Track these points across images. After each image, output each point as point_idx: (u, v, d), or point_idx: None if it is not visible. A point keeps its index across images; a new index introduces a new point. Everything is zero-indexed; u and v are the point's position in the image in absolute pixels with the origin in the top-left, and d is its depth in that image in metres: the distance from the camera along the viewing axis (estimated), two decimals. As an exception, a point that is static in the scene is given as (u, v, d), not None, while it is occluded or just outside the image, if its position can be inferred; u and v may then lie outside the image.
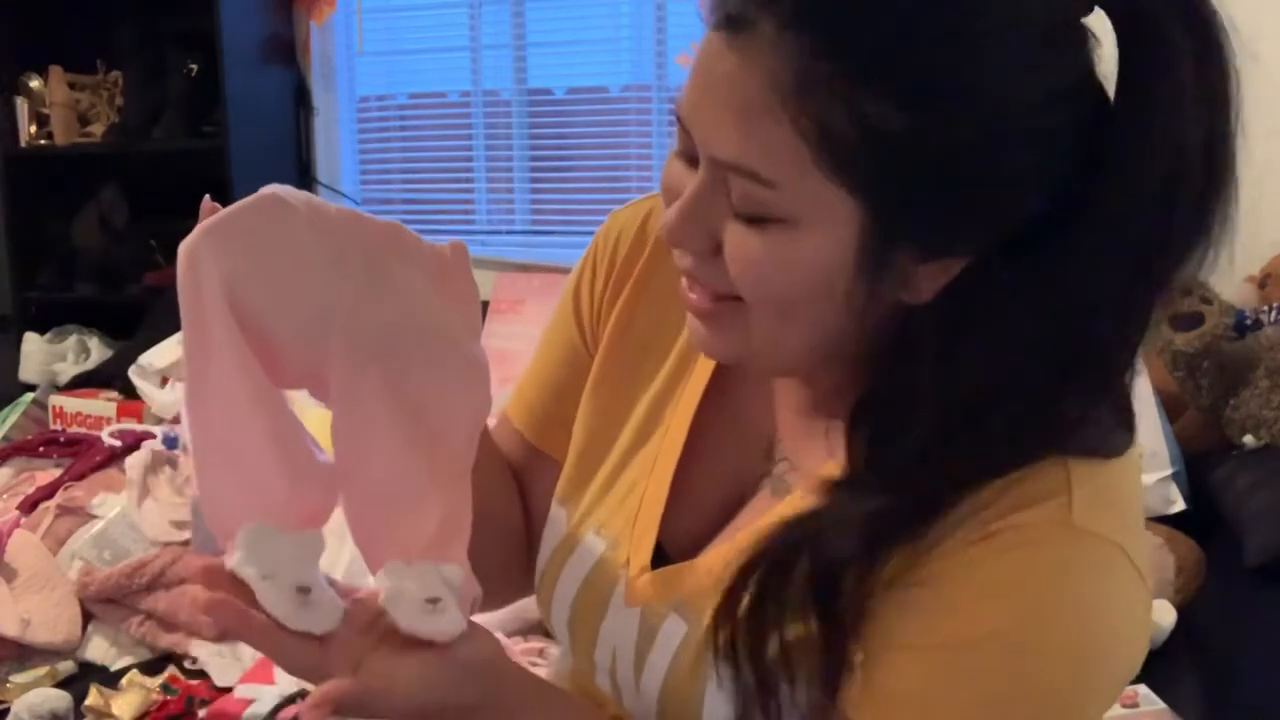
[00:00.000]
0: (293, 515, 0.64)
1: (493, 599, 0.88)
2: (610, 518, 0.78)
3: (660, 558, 0.75)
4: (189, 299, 0.62)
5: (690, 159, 0.63)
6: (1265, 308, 2.02)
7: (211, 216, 0.65)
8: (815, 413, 0.72)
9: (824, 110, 0.55)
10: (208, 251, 0.62)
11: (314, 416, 0.87)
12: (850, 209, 0.58)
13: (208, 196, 0.67)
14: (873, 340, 0.64)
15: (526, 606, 1.72)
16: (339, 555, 1.89)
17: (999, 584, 0.60)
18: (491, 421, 0.81)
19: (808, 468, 0.71)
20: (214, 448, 0.63)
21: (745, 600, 0.63)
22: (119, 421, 2.45)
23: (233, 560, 0.61)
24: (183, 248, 0.62)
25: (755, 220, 0.60)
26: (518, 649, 1.64)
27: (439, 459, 0.66)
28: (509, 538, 0.86)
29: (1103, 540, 0.61)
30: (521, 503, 0.87)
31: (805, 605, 0.62)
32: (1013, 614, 0.60)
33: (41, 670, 1.82)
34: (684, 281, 0.66)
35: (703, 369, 0.77)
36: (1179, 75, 0.60)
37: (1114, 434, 0.64)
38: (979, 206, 0.59)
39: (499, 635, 1.62)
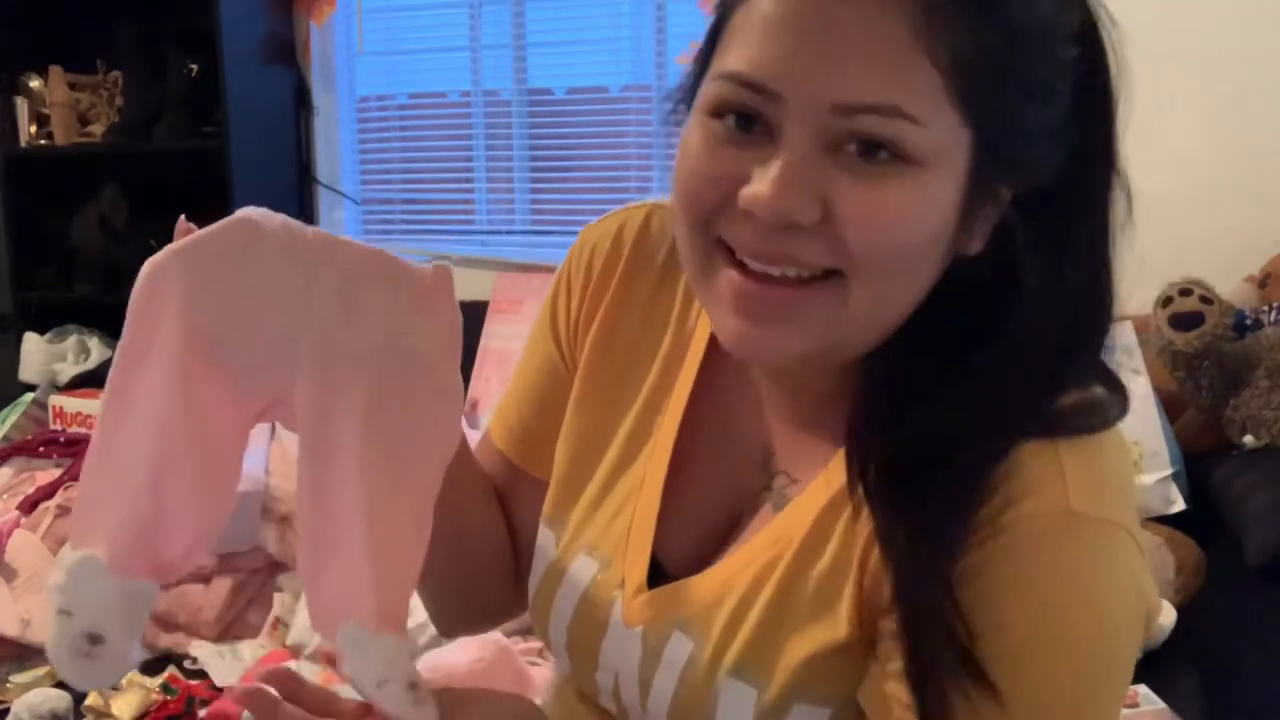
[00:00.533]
0: (128, 545, 0.60)
1: (485, 621, 0.89)
2: (600, 538, 0.76)
3: (656, 574, 0.73)
4: (139, 312, 0.62)
5: (735, 141, 0.61)
6: (1265, 308, 2.02)
7: (184, 238, 0.65)
8: (806, 423, 0.71)
9: (955, 41, 0.58)
10: (174, 271, 0.63)
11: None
12: (965, 141, 0.60)
13: (183, 217, 0.67)
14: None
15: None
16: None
17: (1015, 585, 0.60)
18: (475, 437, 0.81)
19: (805, 481, 0.70)
20: (102, 453, 0.62)
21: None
22: (119, 421, 2.45)
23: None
24: (147, 264, 0.63)
25: (881, 171, 0.59)
26: (517, 649, 1.64)
27: (404, 488, 0.64)
28: (494, 559, 0.85)
29: (1103, 523, 0.62)
30: (507, 523, 0.85)
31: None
32: (1031, 618, 0.60)
33: (41, 670, 1.83)
34: (735, 279, 0.62)
35: (686, 379, 0.76)
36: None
37: (1104, 404, 0.66)
38: (1048, 138, 0.62)
39: (498, 634, 1.63)
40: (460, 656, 1.53)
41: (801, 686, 0.66)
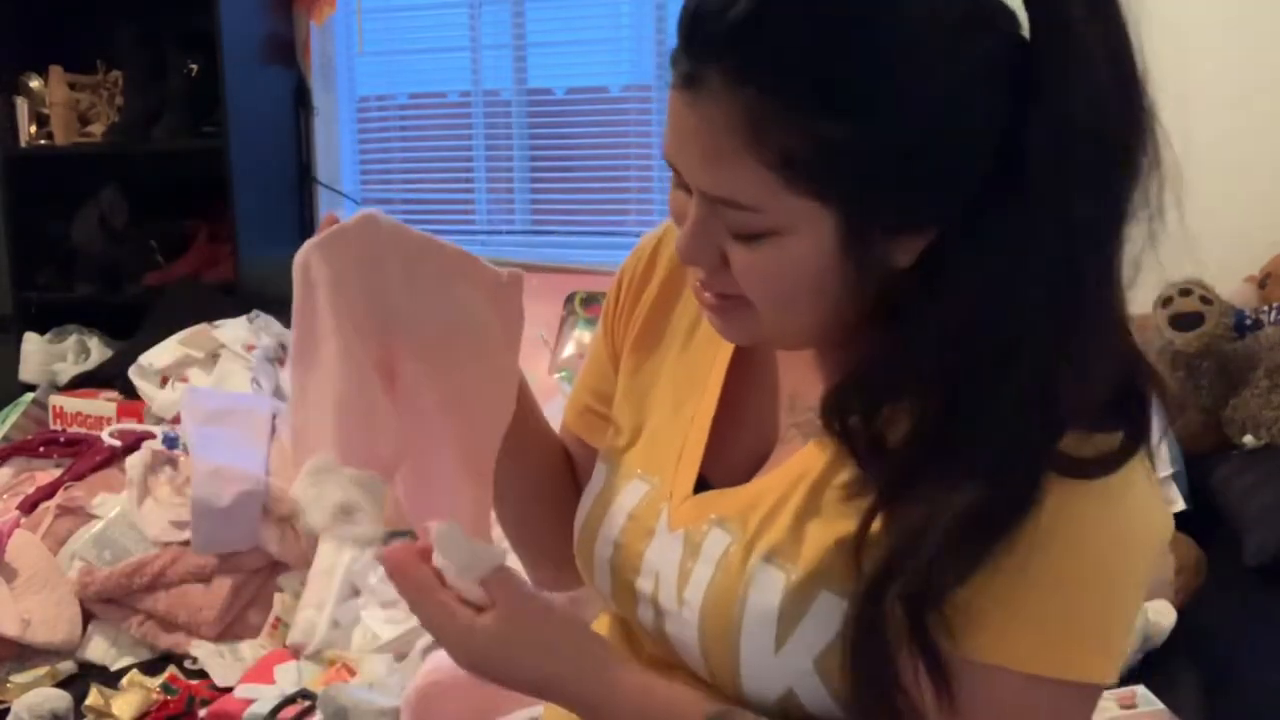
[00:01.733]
0: (348, 446, 0.76)
1: (560, 578, 0.99)
2: (653, 463, 0.86)
3: (701, 490, 0.83)
4: (301, 295, 0.77)
5: (686, 188, 0.72)
6: (1265, 308, 2.02)
7: (324, 230, 0.79)
8: (826, 369, 0.80)
9: (780, 140, 0.64)
10: (316, 259, 0.77)
11: None
12: (824, 214, 0.66)
13: (330, 212, 0.78)
14: (869, 304, 0.72)
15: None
16: (339, 557, 1.90)
17: (1049, 536, 0.67)
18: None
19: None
20: (301, 393, 0.79)
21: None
22: (119, 421, 2.44)
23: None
24: (298, 256, 0.78)
25: (749, 238, 0.69)
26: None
27: (471, 446, 0.81)
28: (561, 506, 0.95)
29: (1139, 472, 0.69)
30: (576, 486, 0.96)
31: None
32: (1074, 554, 0.67)
33: (41, 670, 1.83)
34: (698, 285, 0.76)
35: (729, 345, 0.87)
36: (1080, 29, 0.65)
37: (1112, 441, 0.69)
38: (935, 183, 0.66)
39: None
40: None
41: (827, 574, 0.73)
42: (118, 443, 2.20)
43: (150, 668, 1.84)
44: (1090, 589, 0.68)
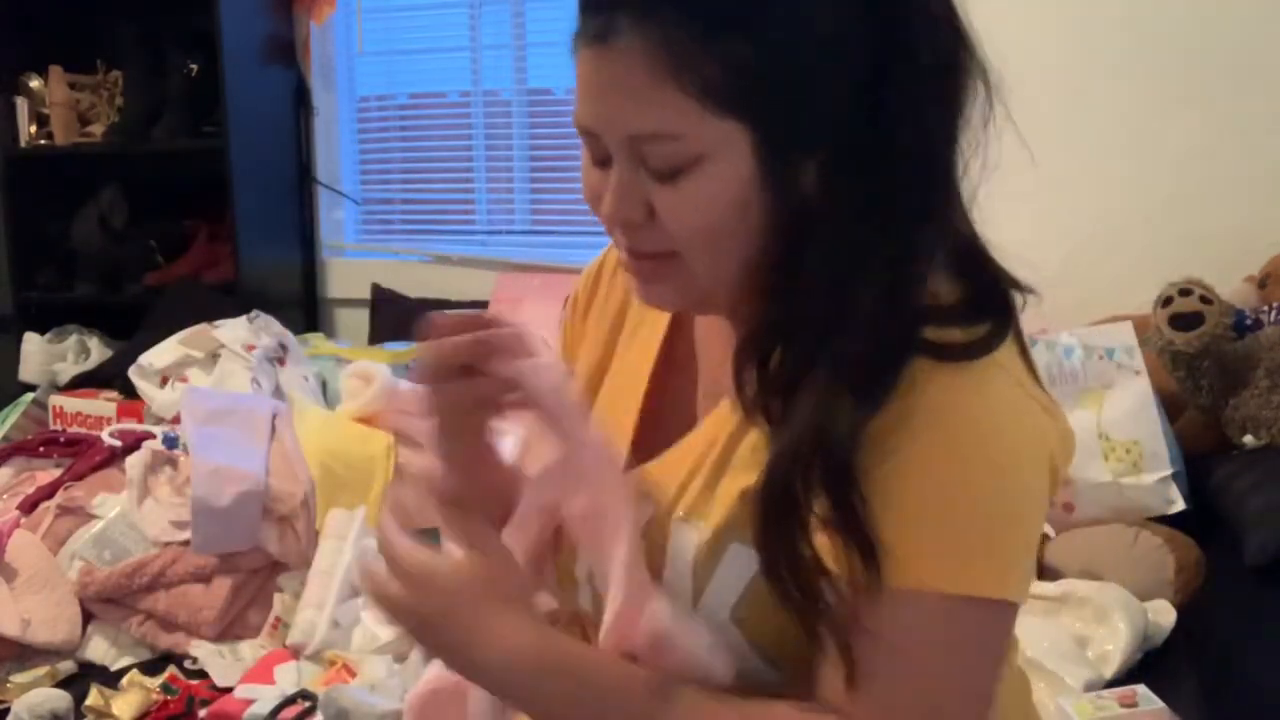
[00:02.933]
0: None
1: None
2: None
3: None
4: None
5: (601, 163, 0.79)
6: (1265, 308, 2.02)
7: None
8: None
9: (694, 64, 0.71)
10: None
11: (313, 414, 0.93)
12: (741, 133, 0.73)
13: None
14: (787, 247, 0.76)
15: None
16: (339, 557, 1.90)
17: (911, 427, 0.71)
18: None
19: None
20: None
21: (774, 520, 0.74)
22: (119, 421, 2.44)
23: None
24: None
25: (674, 174, 0.74)
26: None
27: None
28: None
29: (989, 362, 0.74)
30: None
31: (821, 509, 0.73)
32: (927, 448, 0.71)
33: (41, 670, 1.82)
34: (624, 257, 0.81)
35: (659, 330, 0.92)
36: None
37: (993, 320, 0.75)
38: (823, 96, 0.73)
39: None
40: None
41: (735, 526, 0.77)
42: (118, 443, 2.20)
43: (150, 668, 1.84)
44: (966, 486, 0.71)
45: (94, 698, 1.71)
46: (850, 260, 0.74)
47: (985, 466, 0.72)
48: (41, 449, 2.27)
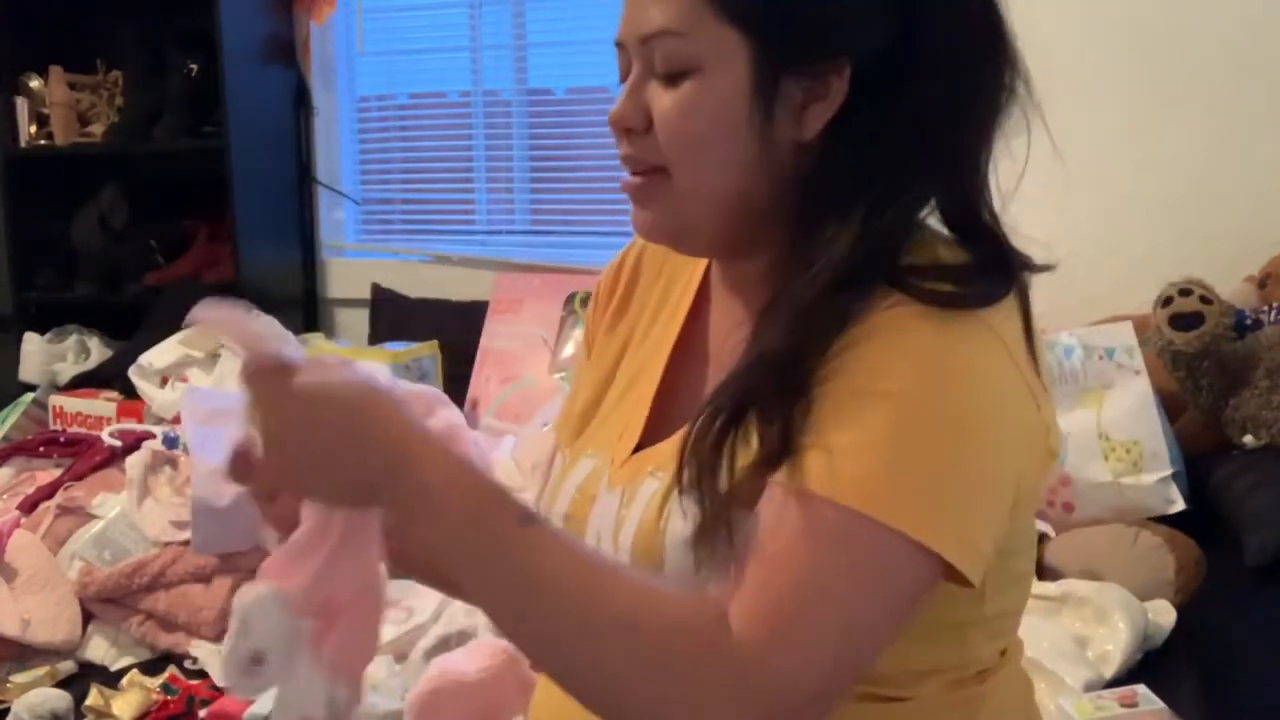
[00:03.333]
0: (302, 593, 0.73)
1: None
2: (600, 441, 0.91)
3: None
4: None
5: (625, 79, 0.81)
6: (1265, 308, 2.01)
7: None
8: (746, 322, 0.83)
9: None
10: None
11: None
12: (740, 44, 0.76)
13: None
14: (776, 196, 0.78)
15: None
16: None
17: (886, 350, 0.71)
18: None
19: None
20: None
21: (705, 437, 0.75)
22: (119, 421, 2.45)
23: None
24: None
25: (673, 78, 0.77)
26: (503, 642, 1.64)
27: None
28: None
29: (984, 324, 0.73)
30: None
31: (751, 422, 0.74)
32: (900, 372, 0.70)
33: (41, 670, 1.82)
34: (626, 179, 0.83)
35: (675, 322, 0.92)
36: None
37: (984, 287, 0.75)
38: (832, 25, 0.76)
39: (505, 642, 1.62)
40: (468, 664, 1.52)
41: (737, 492, 0.74)
42: (118, 443, 2.20)
43: (150, 668, 1.84)
44: (932, 427, 0.70)
45: (94, 698, 1.71)
46: (836, 197, 0.76)
47: (957, 418, 0.71)
48: (41, 449, 2.27)
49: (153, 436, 2.17)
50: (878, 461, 0.69)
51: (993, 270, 0.77)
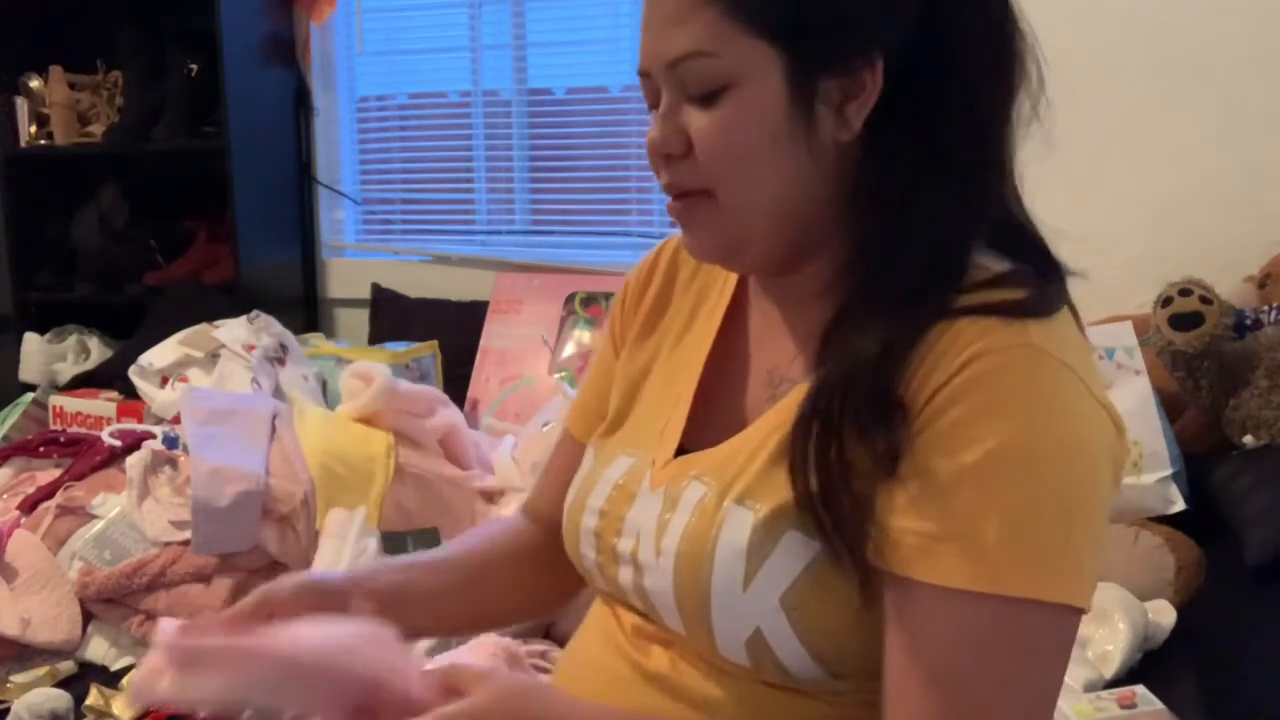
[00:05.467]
0: None
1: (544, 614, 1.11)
2: (638, 440, 0.91)
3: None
4: None
5: (655, 108, 0.80)
6: (1265, 308, 2.01)
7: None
8: (798, 331, 0.85)
9: None
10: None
11: (313, 414, 0.92)
12: (771, 55, 0.75)
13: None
14: (828, 200, 0.78)
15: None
16: (338, 558, 1.90)
17: (980, 419, 0.70)
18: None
19: (796, 376, 0.83)
20: None
21: (809, 459, 0.74)
22: (119, 421, 2.44)
23: None
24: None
25: (709, 98, 0.77)
26: (522, 650, 1.64)
27: None
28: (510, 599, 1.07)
29: (1059, 364, 0.72)
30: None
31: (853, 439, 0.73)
32: (1001, 432, 0.70)
33: (41, 670, 1.82)
34: (671, 206, 0.82)
35: (712, 324, 0.92)
36: None
37: (1051, 294, 0.77)
38: (859, 21, 0.75)
39: (504, 639, 1.62)
40: (469, 662, 1.52)
41: (793, 515, 0.75)
42: (118, 443, 2.20)
43: (150, 668, 1.84)
44: (1041, 482, 0.69)
45: (94, 698, 1.71)
46: (891, 211, 0.75)
47: (1060, 462, 0.70)
48: (41, 449, 2.27)
49: (153, 436, 2.17)
50: (1016, 540, 0.69)
51: (1044, 275, 0.78)
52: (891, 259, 0.75)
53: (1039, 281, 0.76)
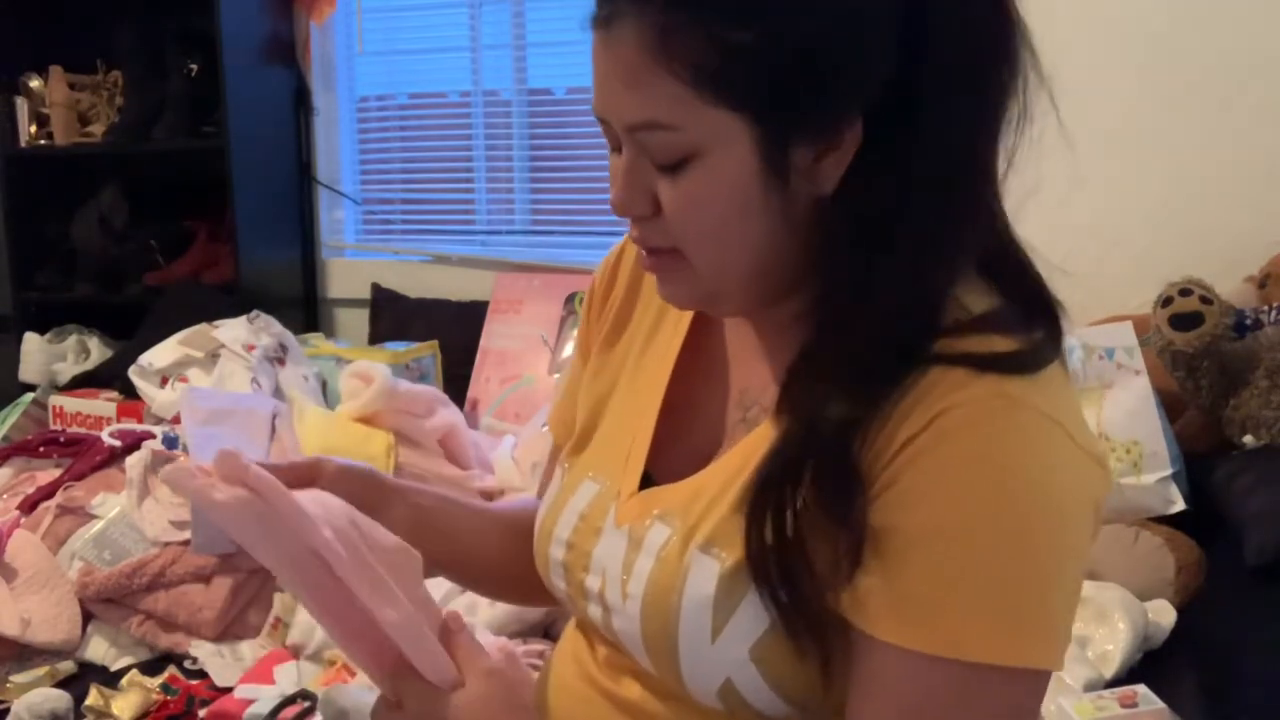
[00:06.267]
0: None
1: (530, 601, 1.04)
2: (603, 464, 0.87)
3: (647, 488, 0.84)
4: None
5: (618, 149, 0.75)
6: (1265, 308, 2.01)
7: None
8: (777, 366, 0.80)
9: (689, 51, 0.67)
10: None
11: (313, 414, 0.92)
12: (739, 125, 0.69)
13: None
14: (805, 248, 0.74)
15: (526, 609, 1.72)
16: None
17: (950, 473, 0.67)
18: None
19: (768, 403, 0.79)
20: None
21: (766, 525, 0.71)
22: (119, 421, 2.44)
23: None
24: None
25: (675, 167, 0.71)
26: (520, 650, 1.64)
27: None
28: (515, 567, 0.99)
29: (1040, 414, 0.68)
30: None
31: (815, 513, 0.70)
32: (972, 490, 0.66)
33: (41, 670, 1.82)
34: (640, 253, 0.78)
35: (677, 339, 0.88)
36: None
37: (1036, 344, 0.71)
38: (840, 87, 0.69)
39: (501, 638, 1.62)
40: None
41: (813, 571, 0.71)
42: (118, 443, 2.20)
43: (150, 668, 1.84)
44: (989, 536, 0.66)
45: (94, 698, 1.71)
46: (864, 260, 0.70)
47: (1038, 519, 0.67)
48: (41, 449, 2.27)
49: (153, 436, 2.17)
50: (984, 603, 0.66)
51: (1034, 309, 0.74)
52: (866, 304, 0.70)
53: (1025, 326, 0.72)
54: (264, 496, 0.74)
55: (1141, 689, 1.39)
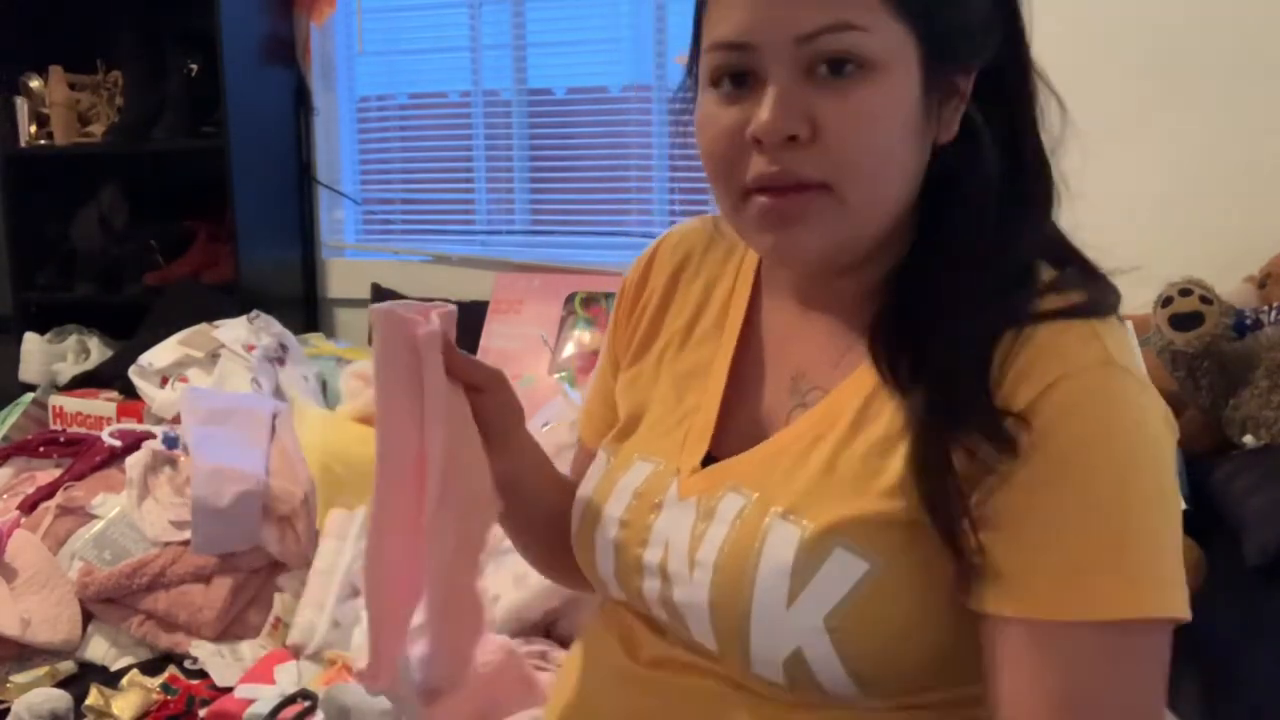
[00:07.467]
0: None
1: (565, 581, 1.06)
2: (658, 446, 0.88)
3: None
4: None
5: (734, 99, 0.75)
6: (1265, 308, 2.01)
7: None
8: (835, 349, 0.82)
9: None
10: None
11: (313, 414, 0.94)
12: (912, 44, 0.73)
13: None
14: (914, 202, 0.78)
15: (526, 609, 1.72)
16: (339, 558, 1.90)
17: (1078, 443, 0.70)
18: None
19: (828, 384, 0.81)
20: None
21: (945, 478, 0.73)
22: (119, 421, 2.44)
23: None
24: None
25: (845, 82, 0.72)
26: (522, 650, 1.64)
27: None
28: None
29: (1133, 378, 0.73)
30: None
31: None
32: (1104, 465, 0.71)
33: (41, 670, 1.82)
34: (759, 201, 0.75)
35: (733, 328, 0.89)
36: None
37: (1106, 292, 0.79)
38: (980, 28, 0.75)
39: (502, 637, 1.62)
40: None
41: (843, 532, 0.74)
42: (118, 443, 2.20)
43: (150, 668, 1.84)
44: (1121, 504, 0.71)
45: (94, 698, 1.71)
46: (994, 211, 0.76)
47: (1151, 480, 0.72)
48: (41, 449, 2.27)
49: (153, 436, 2.17)
50: (1118, 562, 0.72)
51: (1088, 278, 0.80)
52: (980, 262, 0.75)
53: (1089, 282, 0.78)
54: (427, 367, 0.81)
55: (1141, 689, 1.39)
